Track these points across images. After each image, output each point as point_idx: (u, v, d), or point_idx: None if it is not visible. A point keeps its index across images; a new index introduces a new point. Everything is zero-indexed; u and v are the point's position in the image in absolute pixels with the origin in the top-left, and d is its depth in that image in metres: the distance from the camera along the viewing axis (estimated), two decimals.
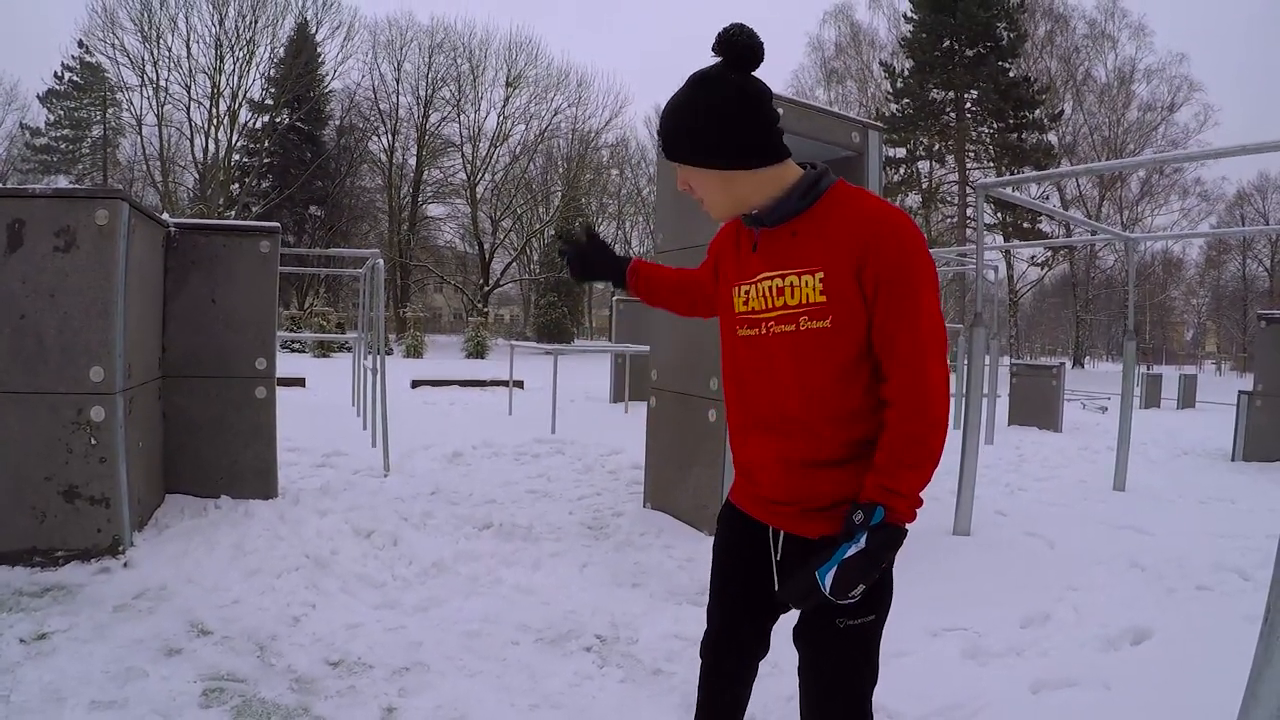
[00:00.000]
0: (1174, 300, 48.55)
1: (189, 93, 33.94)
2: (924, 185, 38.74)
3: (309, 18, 36.62)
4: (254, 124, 36.23)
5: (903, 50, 38.34)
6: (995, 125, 37.06)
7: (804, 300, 1.35)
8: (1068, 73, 38.23)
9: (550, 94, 39.95)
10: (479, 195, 39.27)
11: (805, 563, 1.33)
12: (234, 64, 34.41)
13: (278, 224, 4.54)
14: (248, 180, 36.18)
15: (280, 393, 4.59)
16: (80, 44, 35.04)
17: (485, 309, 38.71)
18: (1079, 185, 37.96)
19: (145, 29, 32.74)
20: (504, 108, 39.34)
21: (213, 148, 34.56)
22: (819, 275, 1.33)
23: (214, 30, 33.65)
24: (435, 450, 6.39)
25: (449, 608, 3.04)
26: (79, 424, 3.21)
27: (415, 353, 27.42)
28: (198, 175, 34.93)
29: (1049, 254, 38.06)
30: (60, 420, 3.20)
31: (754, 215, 1.42)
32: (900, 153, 37.99)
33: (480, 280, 39.67)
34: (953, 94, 37.31)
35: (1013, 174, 32.04)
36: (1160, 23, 43.20)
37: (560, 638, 2.82)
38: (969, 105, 37.53)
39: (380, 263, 6.79)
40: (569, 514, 4.60)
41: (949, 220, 38.26)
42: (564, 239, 1.85)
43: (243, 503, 4.02)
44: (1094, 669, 2.62)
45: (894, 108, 38.16)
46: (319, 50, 37.32)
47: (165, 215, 4.13)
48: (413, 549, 3.63)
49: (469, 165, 39.22)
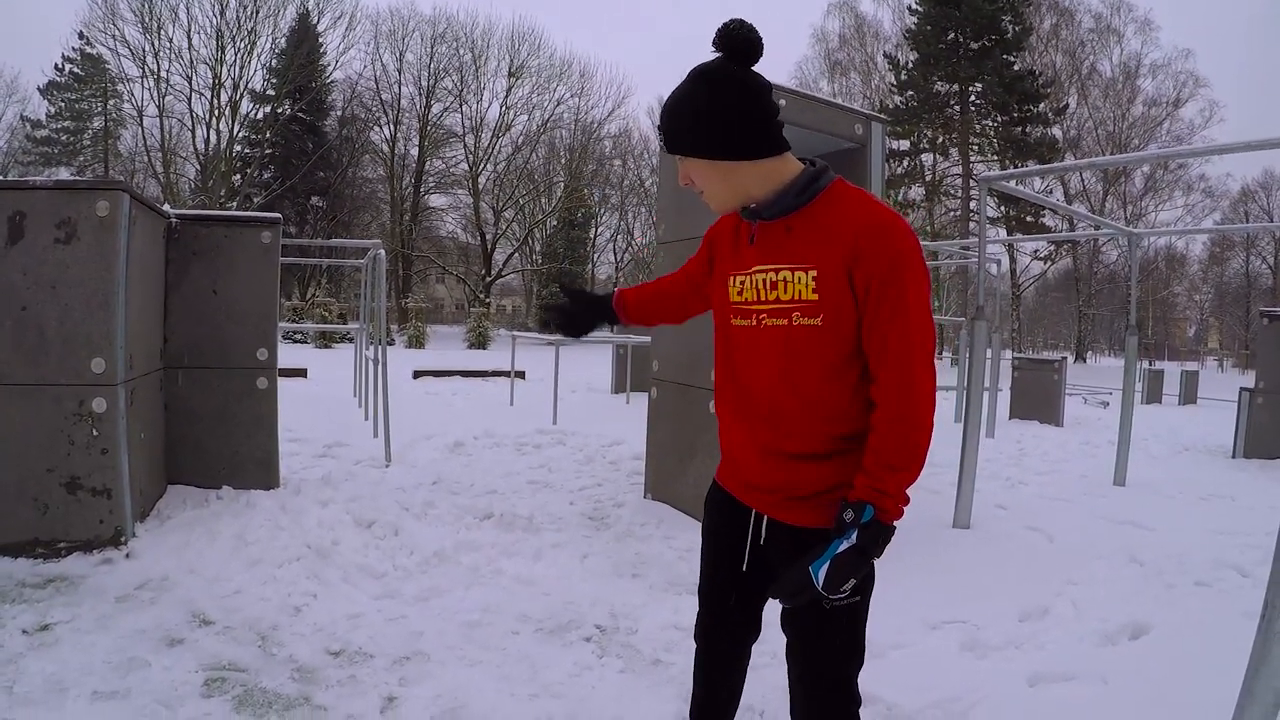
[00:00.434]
0: (1177, 296, 48.51)
1: (190, 84, 33.91)
2: (928, 178, 38.66)
3: (310, 7, 36.58)
4: (255, 115, 36.17)
5: (907, 42, 38.21)
6: (999, 119, 36.97)
7: (796, 296, 1.36)
8: (1073, 67, 38.08)
9: (553, 84, 39.99)
10: (481, 186, 39.26)
11: (797, 559, 1.36)
12: (235, 54, 34.37)
13: (279, 215, 4.53)
14: (249, 171, 36.13)
15: (282, 383, 4.60)
16: (81, 35, 34.99)
17: (487, 300, 38.72)
18: (1083, 179, 37.84)
19: (146, 20, 32.67)
20: (506, 98, 39.36)
21: (214, 139, 34.54)
22: (812, 273, 1.34)
23: (215, 21, 33.61)
24: (437, 441, 6.40)
25: (450, 598, 3.05)
26: (81, 415, 3.21)
27: (417, 343, 27.44)
28: (199, 166, 34.87)
29: (1052, 248, 38.01)
30: (62, 412, 3.20)
31: (751, 209, 1.44)
32: (904, 145, 37.90)
33: (482, 271, 39.67)
34: (957, 87, 37.19)
35: (1016, 168, 31.94)
36: (1164, 19, 42.97)
37: (560, 628, 2.83)
38: (973, 98, 37.41)
39: (382, 253, 6.79)
40: (570, 504, 4.61)
41: (952, 213, 38.18)
42: (545, 309, 1.90)
43: (244, 493, 4.03)
44: (1092, 663, 2.63)
45: (898, 100, 38.05)
46: (320, 40, 37.25)
47: (166, 206, 4.13)
48: (414, 539, 3.64)
49: (471, 156, 39.19)
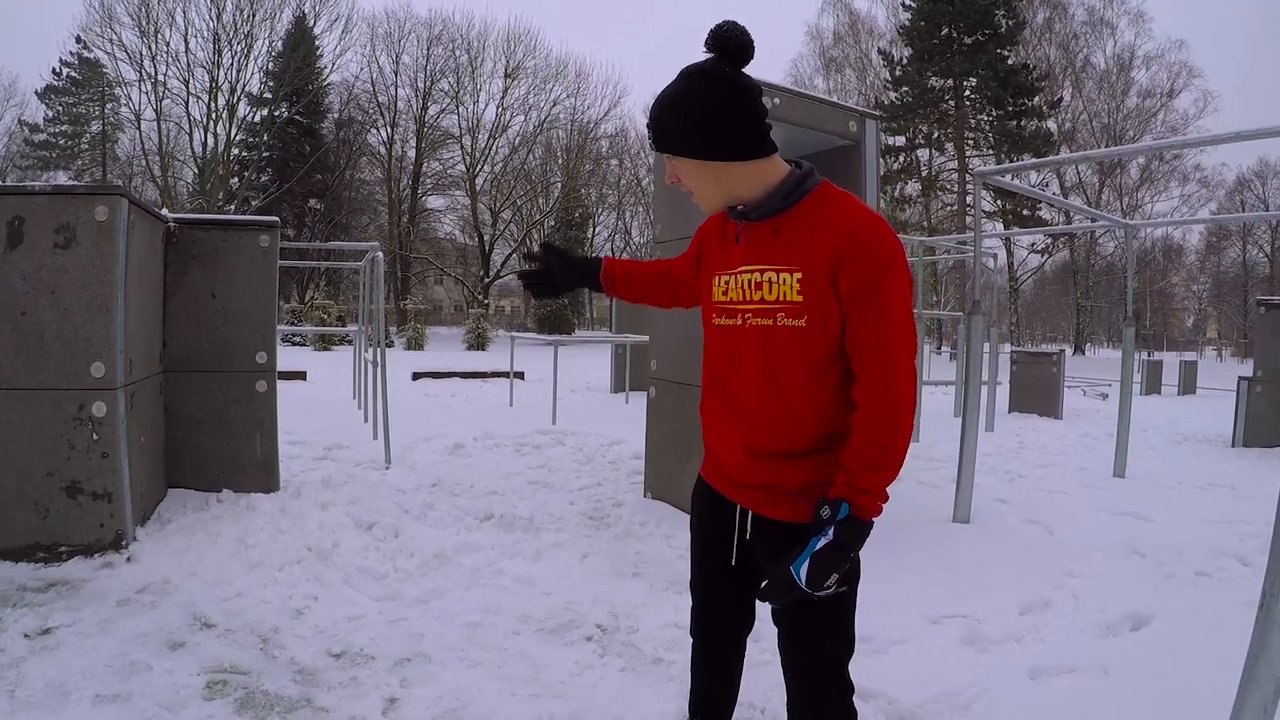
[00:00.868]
0: (1174, 287, 48.50)
1: (187, 87, 33.91)
2: (923, 173, 38.67)
3: (307, 10, 36.57)
4: (253, 118, 36.14)
5: (901, 38, 38.19)
6: (994, 112, 36.95)
7: (781, 297, 1.38)
8: (1067, 59, 38.07)
9: (549, 85, 39.97)
10: (478, 187, 39.25)
11: (779, 557, 1.38)
12: (232, 58, 34.38)
13: (277, 218, 4.53)
14: (247, 174, 36.12)
15: (281, 386, 4.60)
16: (78, 39, 34.95)
17: (486, 301, 38.71)
18: (1078, 172, 37.87)
19: (143, 24, 32.67)
20: (503, 99, 39.34)
21: (211, 142, 34.53)
22: (797, 275, 1.36)
23: (212, 24, 33.59)
24: (436, 442, 6.40)
25: (450, 599, 3.05)
26: (81, 419, 3.21)
27: (416, 345, 27.42)
28: (197, 170, 34.87)
29: (1049, 241, 37.99)
30: (62, 416, 3.20)
31: (739, 209, 1.45)
32: (899, 141, 37.89)
33: (480, 272, 39.65)
34: (951, 82, 37.19)
35: (1012, 161, 31.93)
36: (1158, 10, 42.96)
37: (561, 628, 2.83)
38: (968, 93, 37.40)
39: (380, 255, 6.79)
40: (570, 504, 4.61)
41: (949, 208, 38.20)
42: (522, 275, 1.86)
43: (244, 496, 4.03)
44: (1093, 655, 2.63)
45: (893, 96, 38.05)
46: (317, 43, 37.23)
47: (164, 210, 4.13)
48: (414, 541, 3.64)
49: (468, 157, 39.17)
